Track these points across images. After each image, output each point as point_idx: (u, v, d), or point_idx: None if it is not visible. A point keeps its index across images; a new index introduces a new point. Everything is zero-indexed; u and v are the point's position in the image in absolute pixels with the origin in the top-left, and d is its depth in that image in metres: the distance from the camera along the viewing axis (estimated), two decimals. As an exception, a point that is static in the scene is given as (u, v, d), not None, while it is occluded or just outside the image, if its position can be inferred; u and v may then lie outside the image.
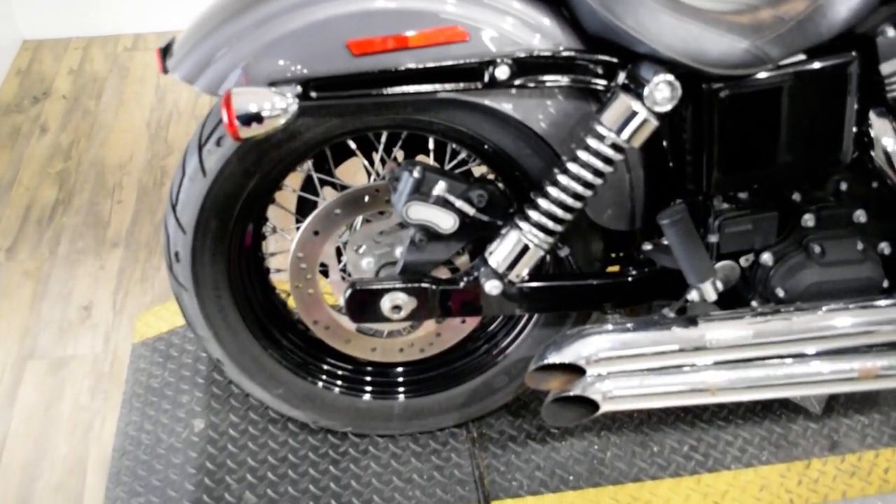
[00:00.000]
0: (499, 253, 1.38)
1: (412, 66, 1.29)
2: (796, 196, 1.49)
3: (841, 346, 1.46)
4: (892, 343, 1.48)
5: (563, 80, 1.33)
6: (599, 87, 1.33)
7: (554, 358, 1.37)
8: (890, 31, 1.36)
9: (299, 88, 1.28)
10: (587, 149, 1.31)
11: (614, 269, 1.57)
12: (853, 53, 1.35)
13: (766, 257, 1.48)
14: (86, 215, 2.40)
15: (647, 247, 1.48)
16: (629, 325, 1.41)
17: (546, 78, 1.32)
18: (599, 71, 1.32)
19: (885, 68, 1.39)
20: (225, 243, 1.49)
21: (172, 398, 1.83)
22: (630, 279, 1.49)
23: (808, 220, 1.47)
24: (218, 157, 1.40)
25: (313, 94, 1.29)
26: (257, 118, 1.25)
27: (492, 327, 1.66)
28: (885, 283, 1.51)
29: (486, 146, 1.43)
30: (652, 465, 1.68)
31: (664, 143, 1.41)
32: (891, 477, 1.69)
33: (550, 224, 1.35)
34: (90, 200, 2.45)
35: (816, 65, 1.34)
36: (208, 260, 1.48)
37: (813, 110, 1.37)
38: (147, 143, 2.66)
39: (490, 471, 1.67)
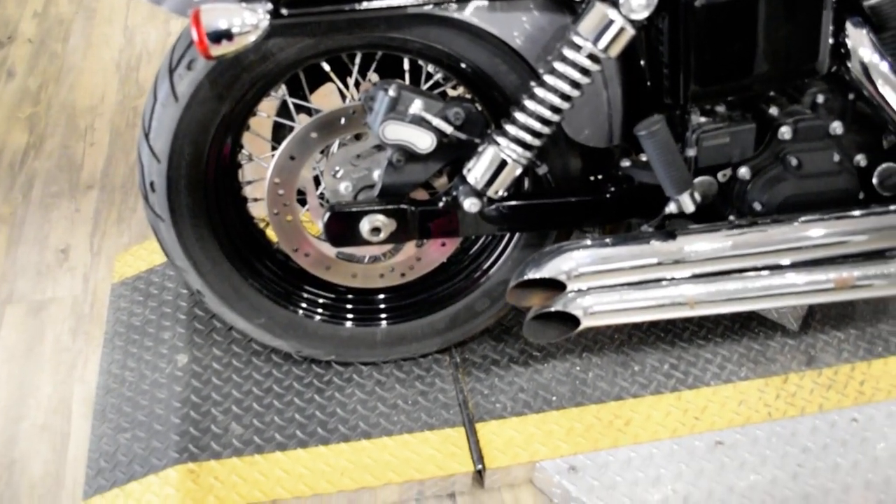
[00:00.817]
0: (477, 169, 1.37)
1: (383, -20, 1.27)
2: (773, 109, 1.49)
3: (817, 257, 1.48)
4: (867, 253, 1.50)
5: (537, -8, 1.31)
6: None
7: (534, 273, 1.37)
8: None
9: (270, 5, 1.26)
10: (564, 60, 1.29)
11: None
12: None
13: (744, 171, 1.48)
14: (58, 159, 2.36)
15: (626, 163, 1.48)
16: (608, 241, 1.42)
17: (514, -10, 1.30)
18: (574, -20, 1.31)
19: (862, -22, 1.38)
20: (200, 171, 1.47)
21: (154, 335, 1.83)
22: (609, 196, 1.49)
23: (785, 132, 1.47)
24: (189, 81, 1.38)
25: (284, 11, 1.27)
26: (227, 35, 1.23)
27: (472, 250, 1.66)
28: (861, 195, 1.53)
29: (461, 64, 1.41)
30: (633, 383, 1.71)
31: (641, 58, 1.40)
32: (866, 389, 1.72)
33: (528, 138, 1.34)
34: (62, 144, 2.41)
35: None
36: (184, 188, 1.47)
37: (789, 20, 1.36)
38: (118, 85, 2.62)
39: (474, 394, 1.69)
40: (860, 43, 1.44)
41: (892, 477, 1.59)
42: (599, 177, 1.51)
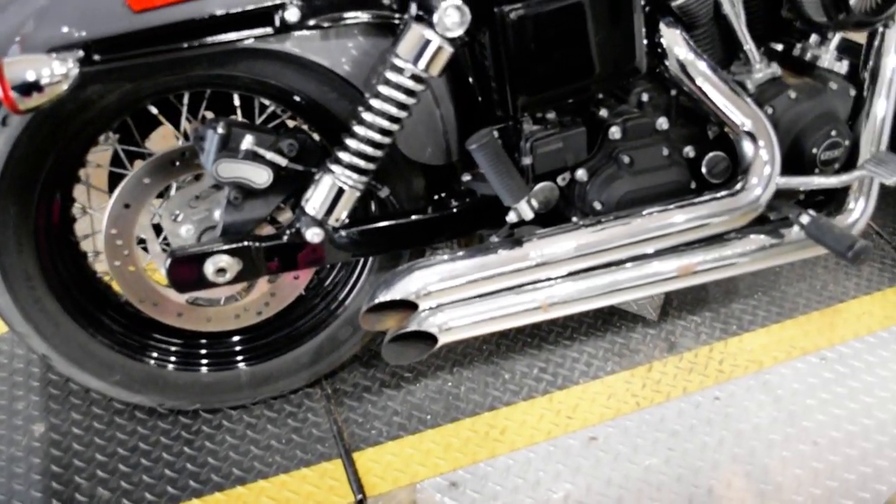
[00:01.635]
0: (315, 199, 1.36)
1: (196, 17, 1.24)
2: (602, 111, 1.55)
3: (659, 248, 1.53)
4: (704, 239, 1.57)
5: (358, 17, 1.31)
6: (395, 21, 1.32)
7: (384, 296, 1.37)
8: (664, -57, 1.42)
9: (81, 53, 1.21)
10: (387, 83, 1.30)
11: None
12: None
13: (581, 173, 1.53)
14: None
15: (467, 177, 1.49)
16: (456, 255, 1.43)
17: (340, 17, 1.30)
18: (391, 4, 1.31)
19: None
20: (30, 230, 1.40)
21: (7, 407, 1.72)
22: (455, 211, 1.50)
23: (615, 132, 1.52)
24: (5, 138, 1.31)
25: (97, 57, 1.22)
26: (36, 87, 1.17)
27: (329, 279, 1.65)
28: (693, 185, 1.60)
29: (291, 95, 1.40)
30: (505, 391, 1.73)
31: (468, 73, 1.42)
32: (725, 367, 1.80)
33: (362, 163, 1.34)
34: None
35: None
36: (14, 250, 1.39)
37: (603, 25, 1.41)
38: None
39: (349, 424, 1.67)
40: (674, 42, 1.50)
41: (757, 447, 1.67)
42: (443, 193, 1.52)
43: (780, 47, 1.68)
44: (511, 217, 1.45)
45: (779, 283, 1.99)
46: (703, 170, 1.58)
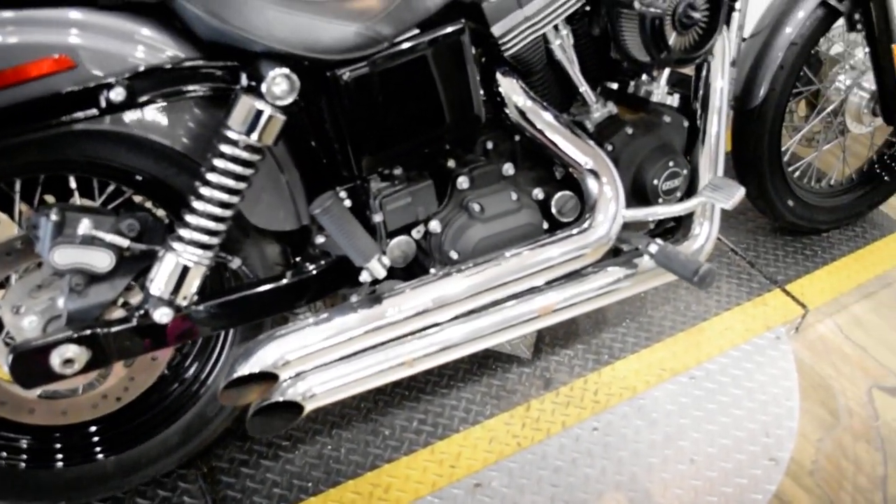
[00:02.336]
0: (159, 280, 1.32)
1: (17, 102, 1.20)
2: (450, 162, 1.57)
3: (518, 290, 1.56)
4: (563, 276, 1.61)
5: (189, 91, 1.29)
6: (227, 93, 1.32)
7: (243, 370, 1.34)
8: (492, -4, 1.47)
9: None
10: (222, 156, 1.29)
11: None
12: (462, 21, 1.44)
13: (434, 225, 1.55)
14: None
15: (320, 239, 1.49)
16: (316, 319, 1.42)
17: (169, 92, 1.28)
18: (222, 76, 1.30)
19: (497, 30, 1.49)
20: None
21: None
22: (313, 274, 1.49)
23: (463, 182, 1.55)
24: None
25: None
26: None
27: (191, 355, 1.60)
28: (545, 225, 1.64)
29: (129, 174, 1.37)
30: (386, 448, 1.71)
31: (310, 136, 1.42)
32: (600, 397, 1.84)
33: (205, 239, 1.31)
34: None
35: (430, 37, 1.42)
36: None
37: (437, 79, 1.44)
38: None
39: (227, 501, 1.61)
40: (512, 90, 1.55)
41: (638, 473, 1.71)
42: (299, 257, 1.51)
43: (615, 86, 1.75)
44: (364, 277, 1.45)
45: (645, 309, 2.06)
46: (553, 210, 1.63)
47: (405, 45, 1.40)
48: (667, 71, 1.72)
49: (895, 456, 1.83)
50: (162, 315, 1.34)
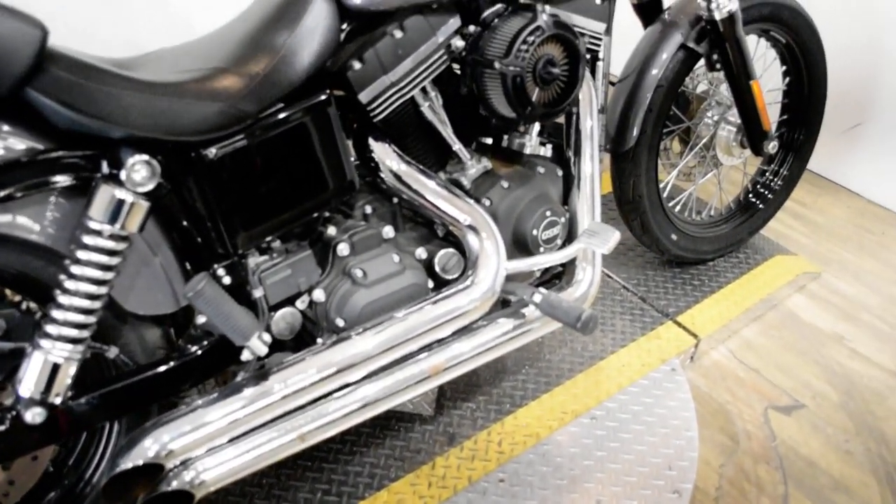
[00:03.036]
0: (28, 379, 1.27)
1: None
2: (330, 229, 1.58)
3: (408, 351, 1.56)
4: (452, 333, 1.62)
5: (49, 183, 1.26)
6: (88, 181, 1.29)
7: (125, 464, 1.30)
8: (356, 65, 1.49)
9: None
10: (86, 247, 1.26)
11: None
12: (327, 91, 1.46)
13: (318, 294, 1.54)
14: None
15: (201, 319, 1.46)
16: (203, 401, 1.39)
17: (29, 185, 1.25)
18: (82, 165, 1.28)
19: (364, 97, 1.52)
20: None
21: None
22: (196, 356, 1.46)
23: (344, 248, 1.56)
24: None
25: None
26: None
27: (77, 449, 1.54)
28: (431, 284, 1.65)
29: (-7, 271, 1.32)
30: (290, 524, 1.68)
31: (181, 217, 1.41)
32: (504, 447, 1.85)
33: (73, 333, 1.28)
34: None
35: (294, 110, 1.43)
36: None
37: (305, 151, 1.45)
38: None
39: None
40: (385, 154, 1.57)
41: (547, 521, 1.71)
42: (181, 340, 1.48)
43: (490, 140, 1.79)
44: (245, 356, 1.43)
45: (543, 353, 2.09)
46: (437, 268, 1.65)
47: (269, 121, 1.40)
48: (537, 123, 1.77)
49: (794, 474, 1.89)
50: (34, 415, 1.29)
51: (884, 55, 2.73)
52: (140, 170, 1.25)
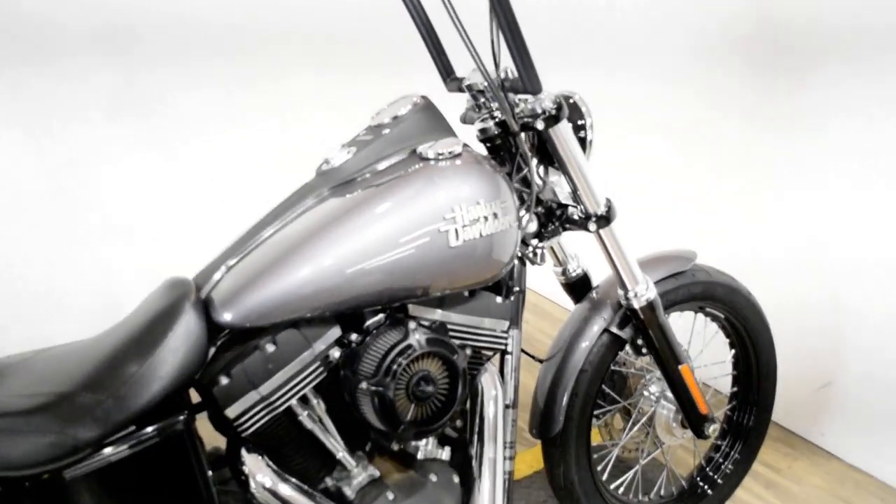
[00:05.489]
0: None
1: None
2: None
3: None
4: None
5: None
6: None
7: None
8: (223, 380, 1.45)
9: None
10: None
11: None
12: (185, 412, 1.41)
13: None
14: None
15: None
16: None
17: None
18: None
19: (230, 413, 1.46)
20: None
21: None
22: None
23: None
24: None
25: None
26: None
27: None
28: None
29: None
30: None
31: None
32: None
33: None
34: None
35: (147, 432, 1.37)
36: None
37: (157, 476, 1.39)
38: None
39: None
40: (257, 468, 1.50)
41: None
42: None
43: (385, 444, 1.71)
44: None
45: None
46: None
47: (125, 444, 1.35)
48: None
49: None
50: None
51: (848, 313, 2.64)
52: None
